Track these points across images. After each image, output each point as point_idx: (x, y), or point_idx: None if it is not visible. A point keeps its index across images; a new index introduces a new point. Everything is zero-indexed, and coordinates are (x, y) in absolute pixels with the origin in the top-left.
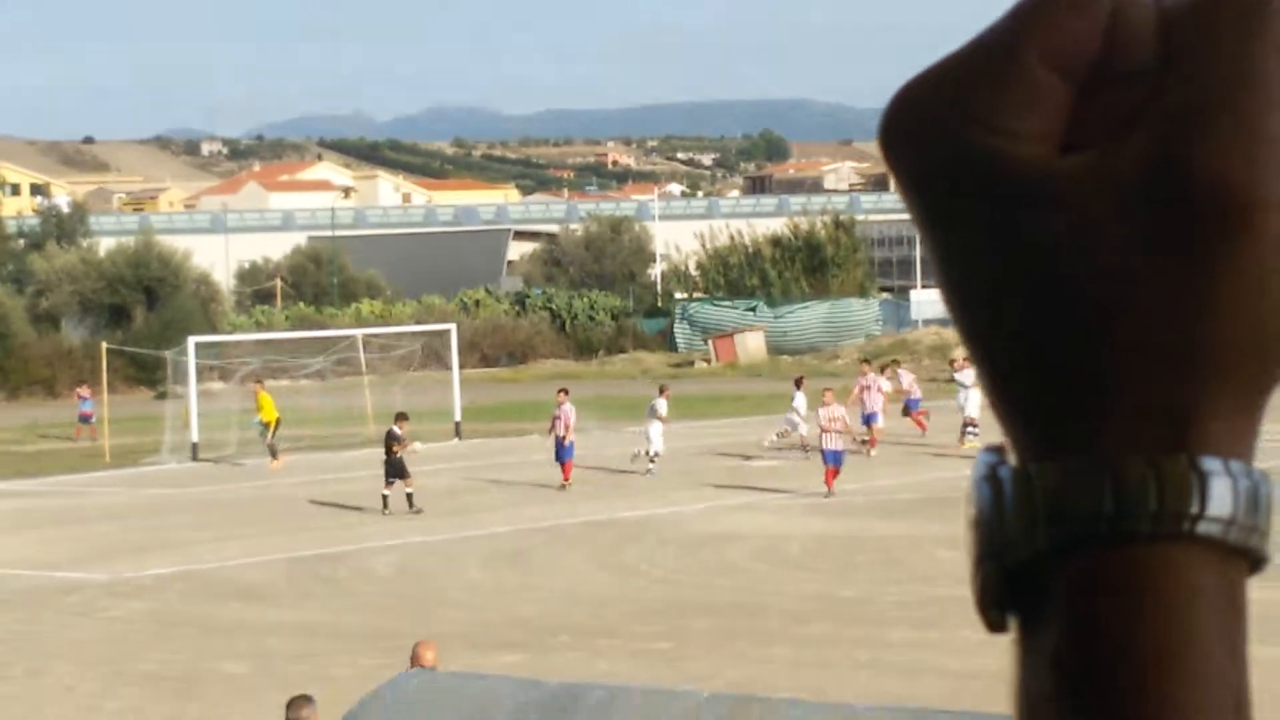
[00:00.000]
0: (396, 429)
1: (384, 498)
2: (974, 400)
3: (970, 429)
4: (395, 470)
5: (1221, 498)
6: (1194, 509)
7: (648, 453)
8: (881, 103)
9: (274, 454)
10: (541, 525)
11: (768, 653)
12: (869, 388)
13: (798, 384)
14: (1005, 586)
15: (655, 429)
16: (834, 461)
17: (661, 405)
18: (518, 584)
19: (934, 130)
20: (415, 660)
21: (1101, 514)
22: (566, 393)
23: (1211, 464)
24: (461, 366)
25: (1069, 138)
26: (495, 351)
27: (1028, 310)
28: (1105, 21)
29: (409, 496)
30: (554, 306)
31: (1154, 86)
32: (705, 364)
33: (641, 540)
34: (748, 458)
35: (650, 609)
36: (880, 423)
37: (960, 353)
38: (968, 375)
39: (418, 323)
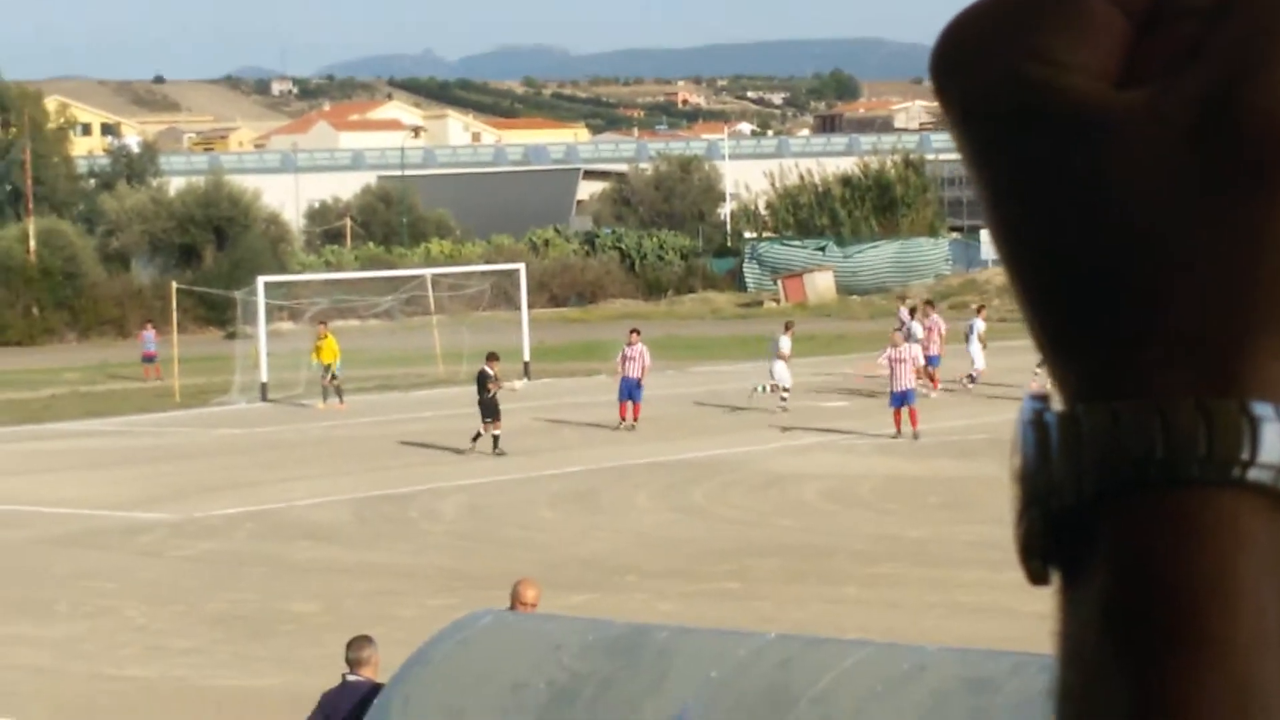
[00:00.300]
0: (488, 369)
1: (477, 435)
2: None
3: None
4: (488, 410)
5: (1273, 444)
6: (1245, 455)
7: (774, 388)
8: None
9: (339, 395)
10: (609, 465)
11: (836, 593)
12: (931, 330)
13: (786, 327)
14: (1050, 535)
15: (780, 366)
16: (905, 402)
17: (785, 342)
18: (586, 524)
19: (988, 61)
20: (516, 598)
21: (1151, 458)
22: (638, 333)
23: (1263, 409)
24: (530, 306)
25: (1125, 74)
26: (564, 291)
27: (1077, 245)
28: None
29: (495, 439)
30: (623, 246)
31: (1210, 24)
32: (774, 304)
33: (709, 480)
34: (821, 396)
35: (717, 549)
36: (939, 365)
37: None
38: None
39: (487, 262)
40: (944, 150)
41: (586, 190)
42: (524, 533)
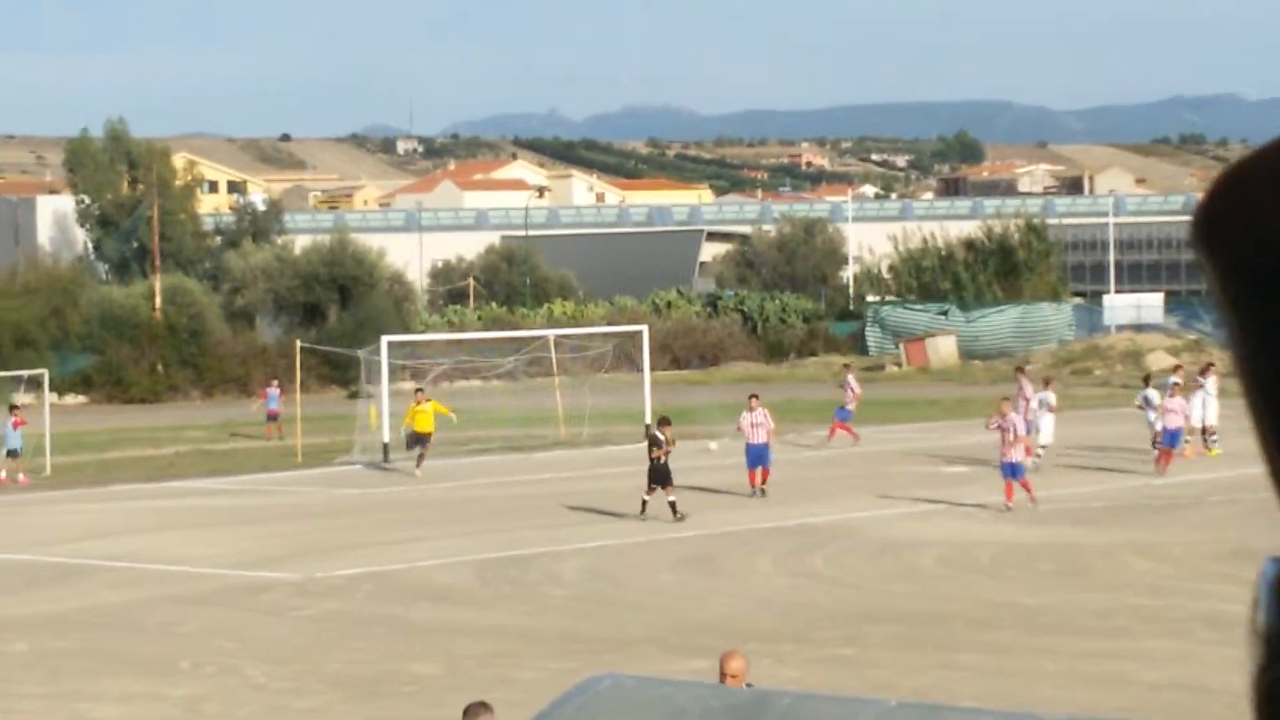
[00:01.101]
0: (659, 433)
1: (644, 503)
2: (1213, 408)
3: (1212, 436)
4: (658, 476)
5: None
6: None
7: (1042, 446)
8: (1080, 105)
9: (419, 461)
10: (729, 530)
11: (952, 659)
12: (1026, 397)
13: (1046, 383)
14: None
15: (1047, 420)
16: (1015, 475)
17: (1050, 396)
18: (705, 588)
19: (1260, 216)
20: (722, 668)
21: None
22: (758, 398)
23: None
24: (652, 368)
25: None
26: (686, 353)
27: None
28: None
29: (672, 505)
30: (745, 308)
31: None
32: (896, 367)
33: (828, 546)
34: (941, 463)
35: (835, 614)
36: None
37: (1209, 359)
38: (1212, 384)
39: (610, 324)
40: (1067, 215)
41: (709, 252)
42: (644, 596)
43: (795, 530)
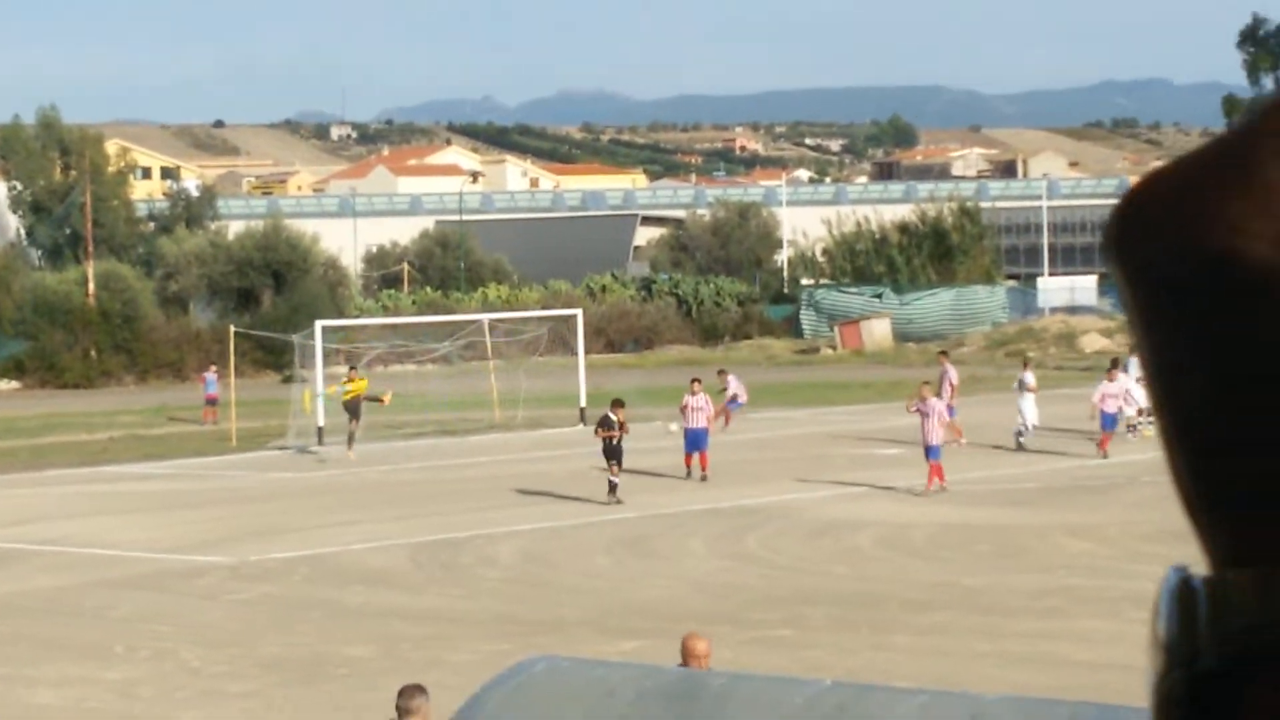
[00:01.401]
0: (611, 414)
1: (611, 484)
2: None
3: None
4: (611, 455)
5: None
6: None
7: (1026, 427)
8: (1013, 89)
9: (350, 443)
10: (665, 512)
11: (888, 640)
12: (951, 382)
13: (1025, 364)
14: (1191, 700)
15: (1028, 401)
16: (935, 456)
17: (1029, 377)
18: (640, 570)
19: (1169, 229)
20: (686, 651)
21: None
22: (700, 383)
23: None
24: (587, 352)
25: None
26: (621, 337)
27: (1248, 410)
28: None
29: (612, 485)
30: (680, 292)
31: None
32: (830, 350)
33: (764, 527)
34: (876, 445)
35: (771, 596)
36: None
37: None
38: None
39: (544, 308)
40: (1001, 198)
41: (644, 236)
42: (578, 578)
43: (730, 512)
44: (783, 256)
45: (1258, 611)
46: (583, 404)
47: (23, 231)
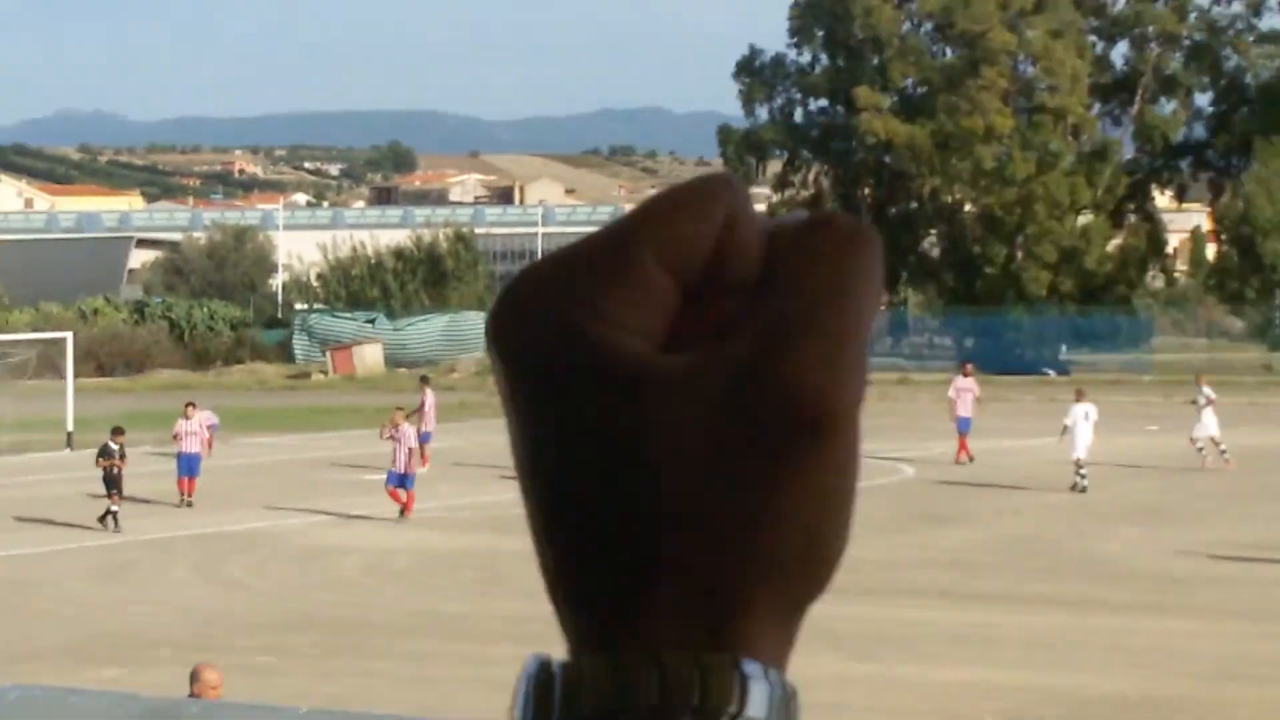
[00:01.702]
0: (111, 443)
1: (112, 514)
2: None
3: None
4: (111, 485)
5: (759, 702)
6: (733, 708)
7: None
8: (512, 115)
9: None
10: (151, 537)
11: (370, 666)
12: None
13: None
14: None
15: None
16: (404, 484)
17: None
18: (122, 597)
19: (546, 316)
20: (196, 679)
21: (646, 706)
22: (195, 406)
23: (752, 668)
24: (77, 375)
25: (671, 339)
26: (112, 360)
27: (603, 496)
28: (719, 232)
29: (112, 515)
30: (173, 316)
31: (753, 299)
32: (322, 375)
33: (250, 553)
34: (364, 471)
35: (253, 622)
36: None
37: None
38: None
39: (34, 330)
40: (497, 224)
41: (139, 259)
42: (58, 605)
43: (217, 538)
44: (278, 281)
45: (610, 696)
46: (70, 428)
47: None
